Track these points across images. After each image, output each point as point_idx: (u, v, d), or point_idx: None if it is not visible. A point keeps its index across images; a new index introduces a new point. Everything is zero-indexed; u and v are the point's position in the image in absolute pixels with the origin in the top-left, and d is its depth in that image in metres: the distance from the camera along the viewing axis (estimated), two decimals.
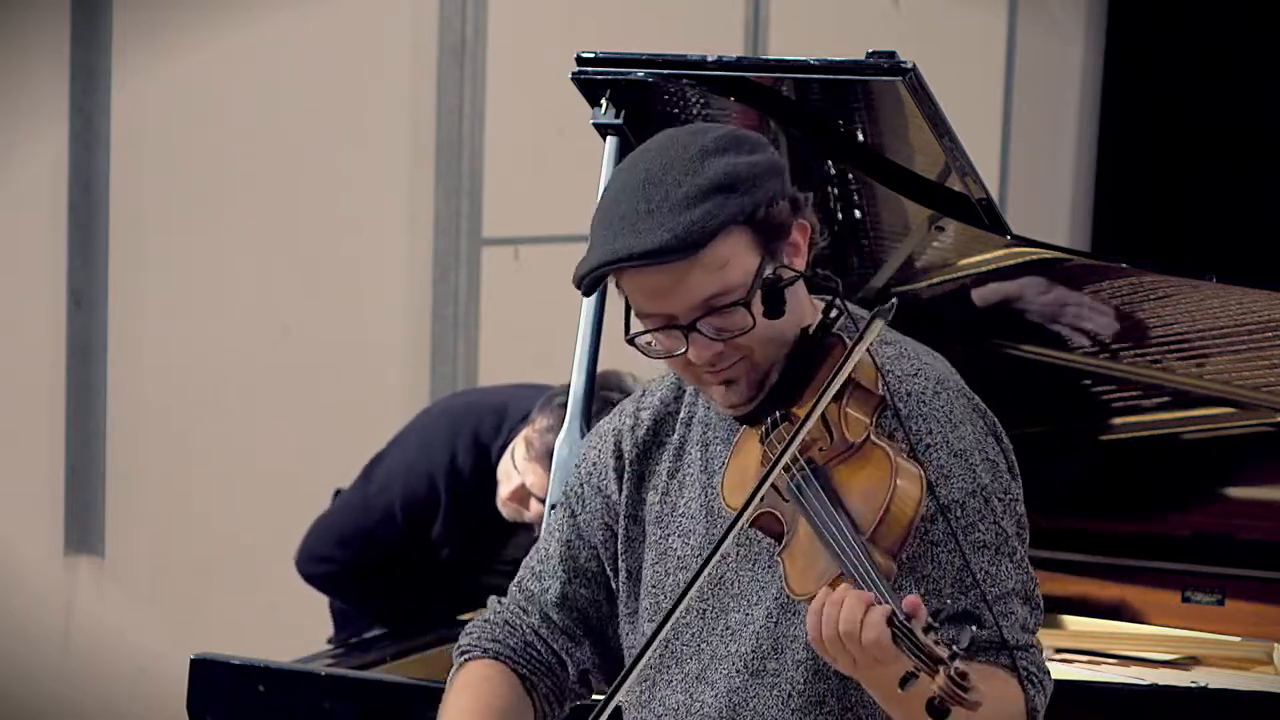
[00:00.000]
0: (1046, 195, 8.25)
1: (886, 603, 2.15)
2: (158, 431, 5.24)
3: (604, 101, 3.23)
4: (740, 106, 3.21)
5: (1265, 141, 7.75)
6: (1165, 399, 3.59)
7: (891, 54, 3.03)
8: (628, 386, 3.72)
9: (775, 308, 2.34)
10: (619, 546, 2.55)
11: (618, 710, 2.53)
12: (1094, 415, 3.68)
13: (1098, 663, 3.56)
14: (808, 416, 2.29)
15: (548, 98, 4.30)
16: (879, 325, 2.29)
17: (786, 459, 2.29)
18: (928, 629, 2.11)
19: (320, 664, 3.52)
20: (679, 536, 2.49)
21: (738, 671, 2.43)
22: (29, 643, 5.08)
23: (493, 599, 2.65)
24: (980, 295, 3.49)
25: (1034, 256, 3.37)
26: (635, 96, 3.22)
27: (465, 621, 3.84)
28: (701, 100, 3.21)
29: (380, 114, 5.75)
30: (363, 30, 5.66)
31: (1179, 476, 3.78)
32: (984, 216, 3.26)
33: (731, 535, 2.31)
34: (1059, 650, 3.60)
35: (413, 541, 4.20)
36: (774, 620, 2.41)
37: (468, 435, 4.17)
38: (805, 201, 2.40)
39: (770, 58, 6.24)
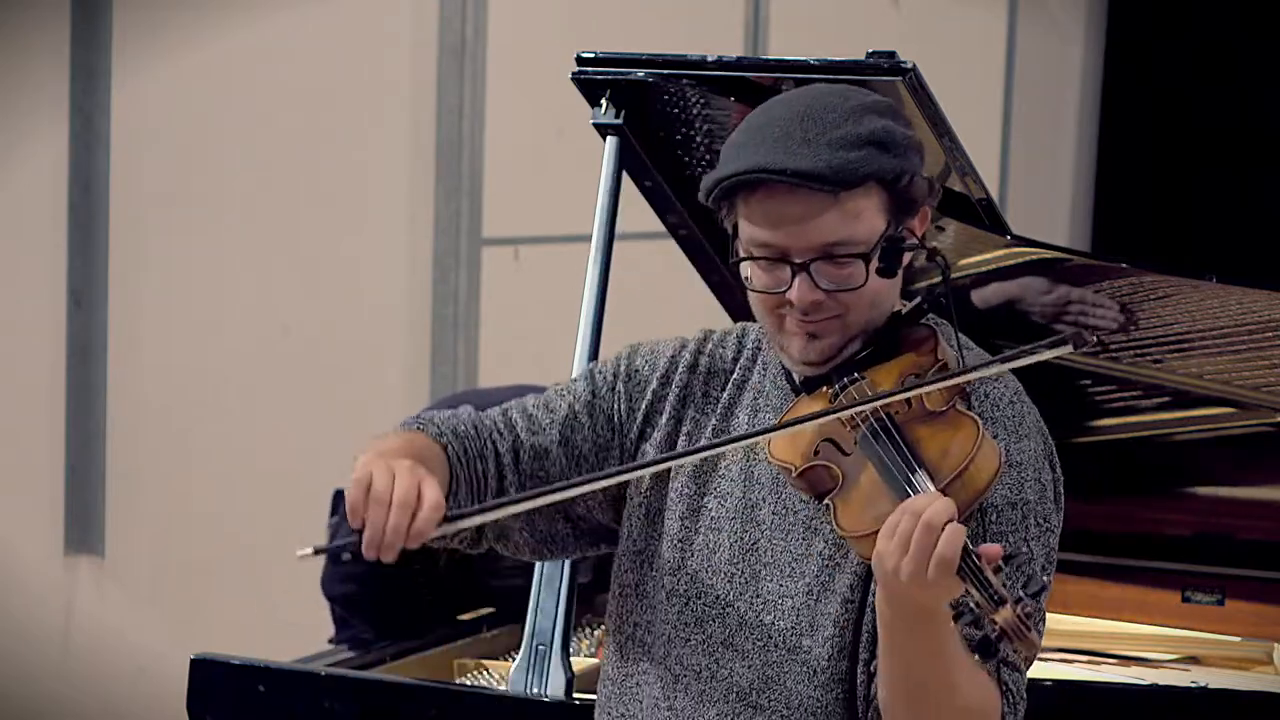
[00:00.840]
0: (1046, 195, 8.25)
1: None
2: (158, 431, 5.24)
3: (604, 101, 3.24)
4: (740, 106, 3.21)
5: (1265, 141, 7.75)
6: (1165, 399, 3.59)
7: (891, 54, 3.03)
8: None
9: (892, 266, 2.36)
10: (646, 482, 2.51)
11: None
12: (1094, 415, 3.69)
13: (1098, 663, 3.56)
14: (898, 390, 2.29)
15: (548, 98, 4.30)
16: (1064, 349, 2.31)
17: (863, 408, 2.27)
18: (996, 570, 2.12)
19: (320, 664, 3.52)
20: (715, 497, 2.47)
21: (775, 645, 2.42)
22: (29, 643, 5.08)
23: (467, 406, 2.62)
24: (980, 295, 3.49)
25: (1034, 256, 3.37)
26: (635, 96, 3.22)
27: (465, 622, 3.86)
28: (701, 100, 3.22)
29: (380, 114, 5.75)
30: (363, 30, 5.66)
31: (1179, 476, 3.78)
32: (984, 216, 3.26)
33: (764, 436, 2.31)
34: (1059, 650, 3.60)
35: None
36: (814, 597, 2.41)
37: None
38: (936, 192, 2.43)
39: (770, 58, 6.24)
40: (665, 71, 3.20)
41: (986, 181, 3.28)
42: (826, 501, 2.29)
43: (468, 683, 3.50)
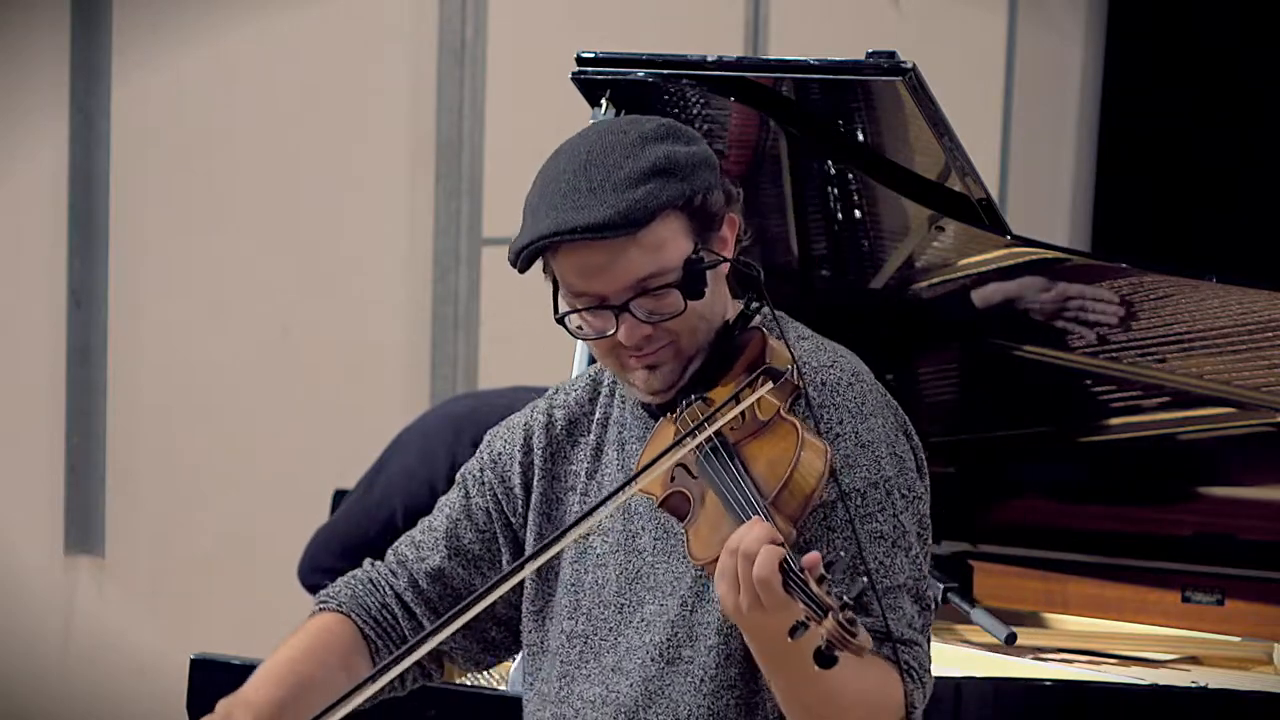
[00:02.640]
0: (1046, 195, 8.25)
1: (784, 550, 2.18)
2: (158, 431, 5.24)
3: (604, 101, 3.24)
4: (740, 106, 3.21)
5: (1265, 142, 7.75)
6: (1165, 399, 3.59)
7: (891, 54, 3.03)
8: None
9: (695, 288, 2.39)
10: (530, 545, 2.56)
11: (517, 706, 2.58)
12: (1094, 415, 3.69)
13: (1098, 663, 3.56)
14: (728, 402, 2.34)
15: (548, 98, 4.30)
16: (767, 386, 2.34)
17: (701, 436, 2.33)
18: (820, 580, 2.14)
19: None
20: (598, 535, 2.52)
21: (653, 660, 2.45)
22: (29, 643, 5.08)
23: (367, 560, 2.66)
24: (980, 295, 3.49)
25: (1034, 256, 3.37)
26: (635, 96, 3.22)
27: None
28: (701, 100, 3.22)
29: (380, 114, 5.75)
30: (363, 30, 5.66)
31: (1179, 476, 3.78)
32: (984, 216, 3.26)
33: (626, 492, 2.36)
34: (1059, 650, 3.60)
35: None
36: (689, 608, 2.44)
37: (468, 442, 4.16)
38: (737, 196, 2.46)
39: (770, 58, 6.24)
40: (665, 71, 3.20)
41: (986, 181, 3.28)
42: (681, 528, 2.35)
43: (468, 683, 3.49)
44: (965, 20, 7.73)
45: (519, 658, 3.12)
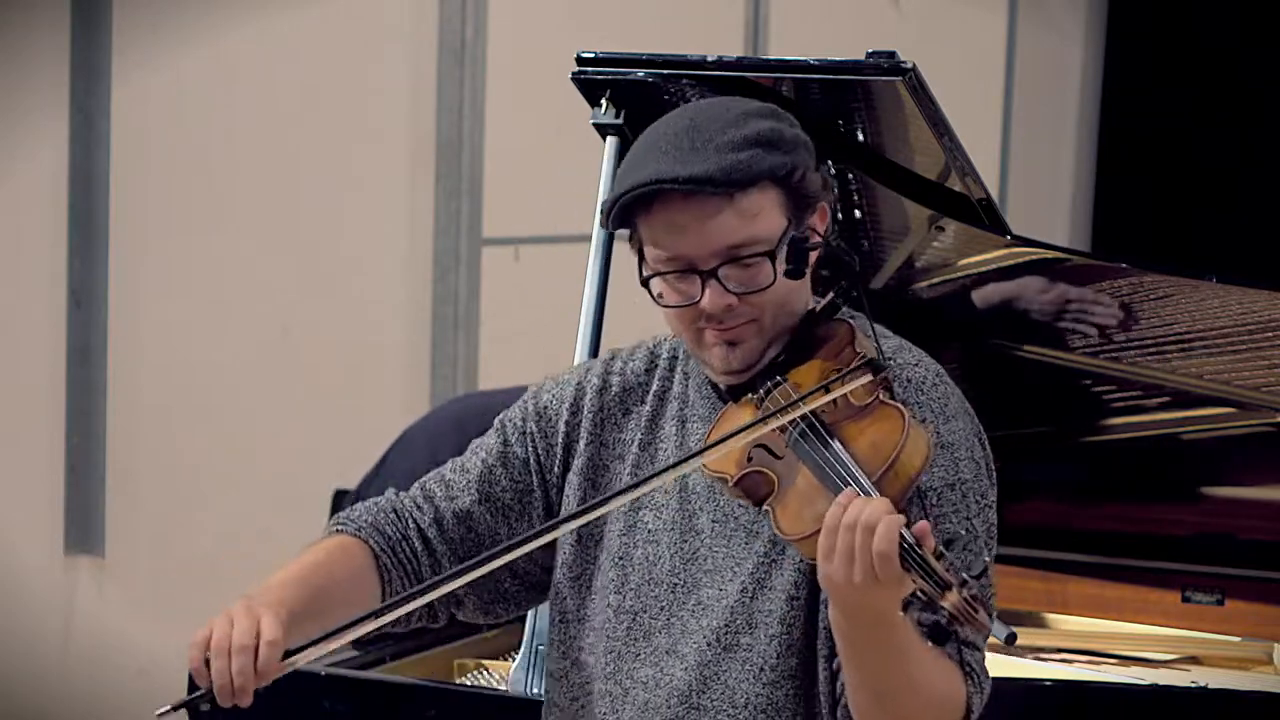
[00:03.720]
0: (1046, 195, 8.25)
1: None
2: (158, 431, 5.24)
3: (604, 101, 3.24)
4: None
5: (1265, 142, 7.75)
6: (1165, 399, 3.59)
7: (891, 54, 3.03)
8: None
9: (799, 267, 2.37)
10: (571, 506, 2.53)
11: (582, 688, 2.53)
12: (1094, 415, 3.69)
13: (1098, 663, 3.56)
14: (820, 388, 2.30)
15: (548, 98, 4.30)
16: (865, 376, 2.30)
17: (793, 414, 2.29)
18: (939, 555, 2.12)
19: (320, 664, 3.52)
20: (651, 510, 2.49)
21: (709, 645, 2.43)
22: (29, 643, 5.08)
23: (390, 490, 2.63)
24: (980, 295, 3.49)
25: (1034, 256, 3.37)
26: (635, 96, 3.22)
27: (465, 622, 3.86)
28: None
29: (380, 114, 5.75)
30: (363, 30, 5.66)
31: (1179, 476, 3.78)
32: (984, 216, 3.26)
33: (690, 464, 2.32)
34: (1059, 650, 3.60)
35: None
36: (749, 595, 2.42)
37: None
38: (831, 187, 2.46)
39: (770, 58, 6.24)
40: (665, 71, 3.20)
41: (986, 181, 3.28)
42: (765, 506, 2.31)
43: (468, 683, 3.50)
44: (965, 20, 7.73)
45: (520, 657, 3.13)
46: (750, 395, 2.39)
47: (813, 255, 2.42)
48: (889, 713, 2.30)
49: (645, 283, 2.42)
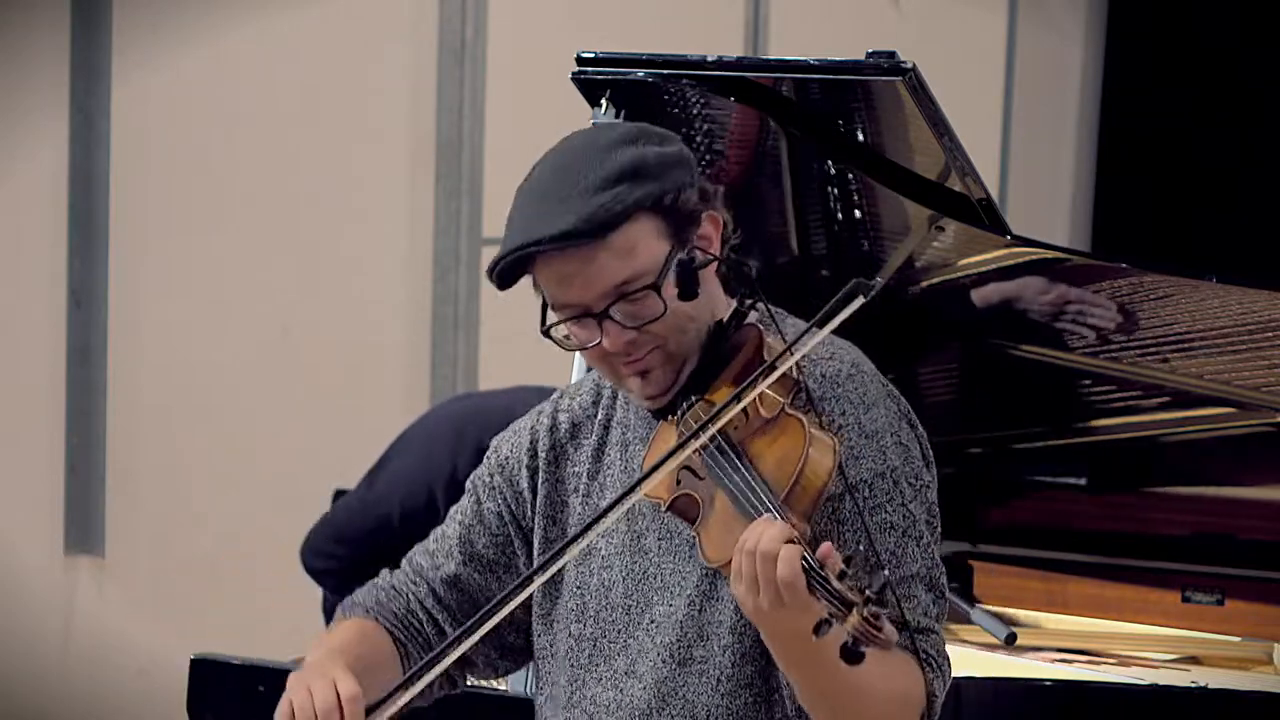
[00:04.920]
0: (1046, 195, 8.25)
1: (802, 547, 2.17)
2: (158, 431, 5.24)
3: (604, 101, 3.24)
4: (740, 106, 3.21)
5: (1265, 142, 7.75)
6: (1165, 399, 3.59)
7: (891, 54, 3.03)
8: None
9: (689, 289, 2.37)
10: (536, 546, 2.56)
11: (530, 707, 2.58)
12: (1094, 415, 3.69)
13: (1098, 663, 3.56)
14: (730, 401, 2.31)
15: (548, 98, 4.29)
16: (858, 302, 2.29)
17: (705, 437, 2.31)
18: (841, 575, 2.13)
19: None
20: (602, 537, 2.51)
21: (664, 662, 2.44)
22: (29, 643, 5.08)
23: (384, 570, 2.67)
24: (980, 295, 3.49)
25: (1034, 256, 3.37)
26: (635, 96, 3.22)
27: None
28: (701, 100, 3.22)
29: (380, 114, 5.75)
30: (363, 30, 5.66)
31: (1179, 476, 3.78)
32: (984, 216, 3.26)
33: (631, 498, 2.34)
34: (1059, 650, 3.60)
35: (409, 546, 4.18)
36: (698, 608, 2.43)
37: (470, 446, 4.16)
38: (715, 193, 2.44)
39: (770, 58, 6.24)
40: (665, 71, 3.20)
41: (986, 181, 3.28)
42: (693, 532, 2.34)
43: (469, 683, 3.49)
44: (965, 20, 7.73)
45: None
46: (670, 417, 2.42)
47: (710, 268, 2.42)
48: (845, 716, 2.31)
49: (546, 333, 2.45)
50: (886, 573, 2.17)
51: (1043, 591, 3.81)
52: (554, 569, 2.43)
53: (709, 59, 3.17)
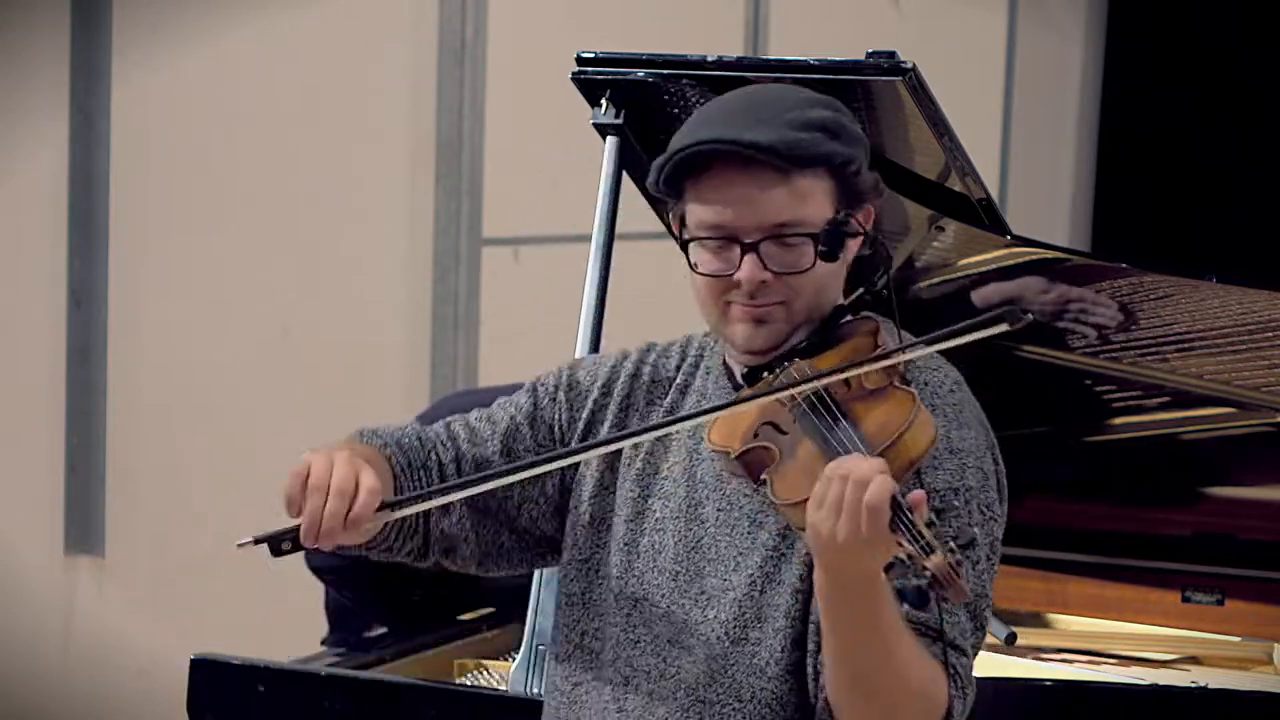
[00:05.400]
0: (1046, 195, 8.25)
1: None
2: (158, 431, 5.24)
3: (604, 101, 3.24)
4: None
5: (1265, 142, 7.75)
6: (1165, 399, 3.59)
7: (891, 54, 3.03)
8: None
9: (833, 249, 2.38)
10: (590, 488, 2.53)
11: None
12: (1094, 415, 3.69)
13: (1098, 663, 3.56)
14: (833, 370, 2.29)
15: (548, 98, 4.30)
16: (1000, 327, 2.27)
17: (805, 388, 2.28)
18: (929, 524, 2.11)
19: (320, 664, 3.52)
20: (659, 499, 2.48)
21: (719, 638, 2.42)
22: (29, 643, 5.08)
23: (415, 421, 2.66)
24: (980, 295, 3.49)
25: (1034, 256, 3.37)
26: (635, 96, 3.22)
27: (465, 622, 3.86)
28: (701, 100, 3.21)
29: (380, 114, 5.75)
30: (363, 30, 5.66)
31: (1179, 476, 3.78)
32: (984, 216, 3.26)
33: (703, 419, 2.33)
34: (1059, 650, 3.60)
35: None
36: (759, 589, 2.41)
37: None
38: (880, 190, 2.46)
39: (770, 58, 6.24)
40: (665, 71, 3.20)
41: (986, 181, 3.28)
42: (763, 476, 2.28)
43: (468, 683, 3.50)
44: (965, 20, 7.73)
45: (520, 657, 3.13)
46: (766, 375, 2.38)
47: (851, 246, 2.42)
48: (866, 696, 2.28)
49: (684, 246, 2.42)
50: (992, 567, 2.15)
51: (1043, 591, 3.81)
52: (584, 456, 2.41)
53: (709, 59, 3.17)
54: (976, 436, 2.43)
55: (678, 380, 2.55)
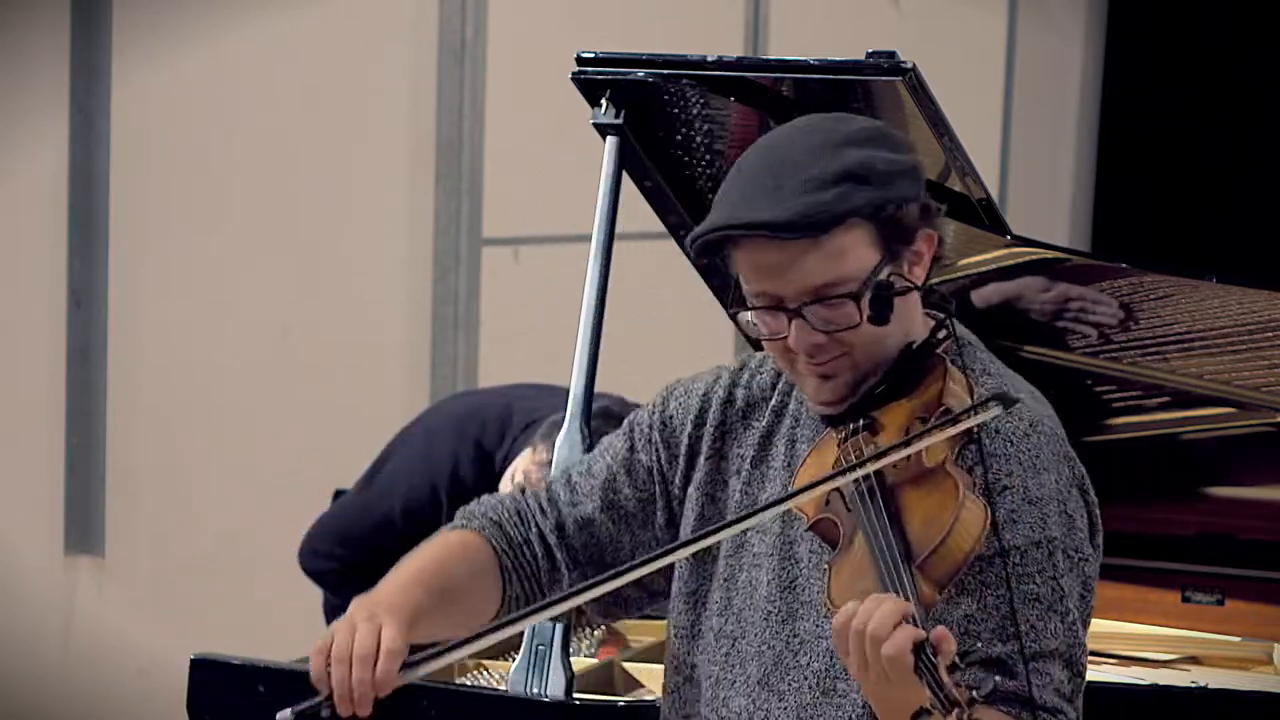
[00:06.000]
0: (1046, 195, 8.25)
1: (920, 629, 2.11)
2: (158, 431, 5.24)
3: (604, 101, 3.23)
4: (740, 106, 3.21)
5: (1265, 142, 7.75)
6: (1165, 399, 3.59)
7: (891, 54, 3.03)
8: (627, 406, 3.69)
9: (881, 314, 2.30)
10: (691, 521, 2.49)
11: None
12: (1094, 415, 3.68)
13: (1098, 663, 3.55)
14: (894, 446, 2.24)
15: (548, 98, 4.30)
16: (994, 410, 2.24)
17: (859, 473, 2.25)
18: (953, 668, 2.08)
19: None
20: (757, 533, 2.44)
21: (810, 687, 2.38)
22: (29, 643, 5.08)
23: (515, 488, 2.59)
24: (980, 295, 3.49)
25: (1034, 256, 3.37)
26: (635, 96, 3.22)
27: None
28: (701, 100, 3.22)
29: (380, 114, 5.75)
30: (363, 30, 5.66)
31: (1179, 476, 3.78)
32: (984, 216, 3.26)
33: (764, 515, 2.29)
34: None
35: (412, 545, 4.17)
36: None
37: (471, 443, 4.16)
38: (937, 212, 2.38)
39: (770, 58, 6.24)
40: (665, 71, 3.20)
41: (986, 181, 3.28)
42: (825, 563, 2.28)
43: (468, 683, 3.49)
44: (965, 20, 7.73)
45: (519, 657, 3.12)
46: (838, 431, 2.35)
47: (917, 274, 2.35)
48: None
49: (733, 316, 2.39)
50: (997, 681, 2.11)
51: None
52: (691, 550, 2.35)
53: (709, 59, 3.17)
54: (1058, 478, 2.36)
55: (773, 402, 2.50)
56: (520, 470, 3.97)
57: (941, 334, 2.36)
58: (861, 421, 2.33)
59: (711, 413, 2.51)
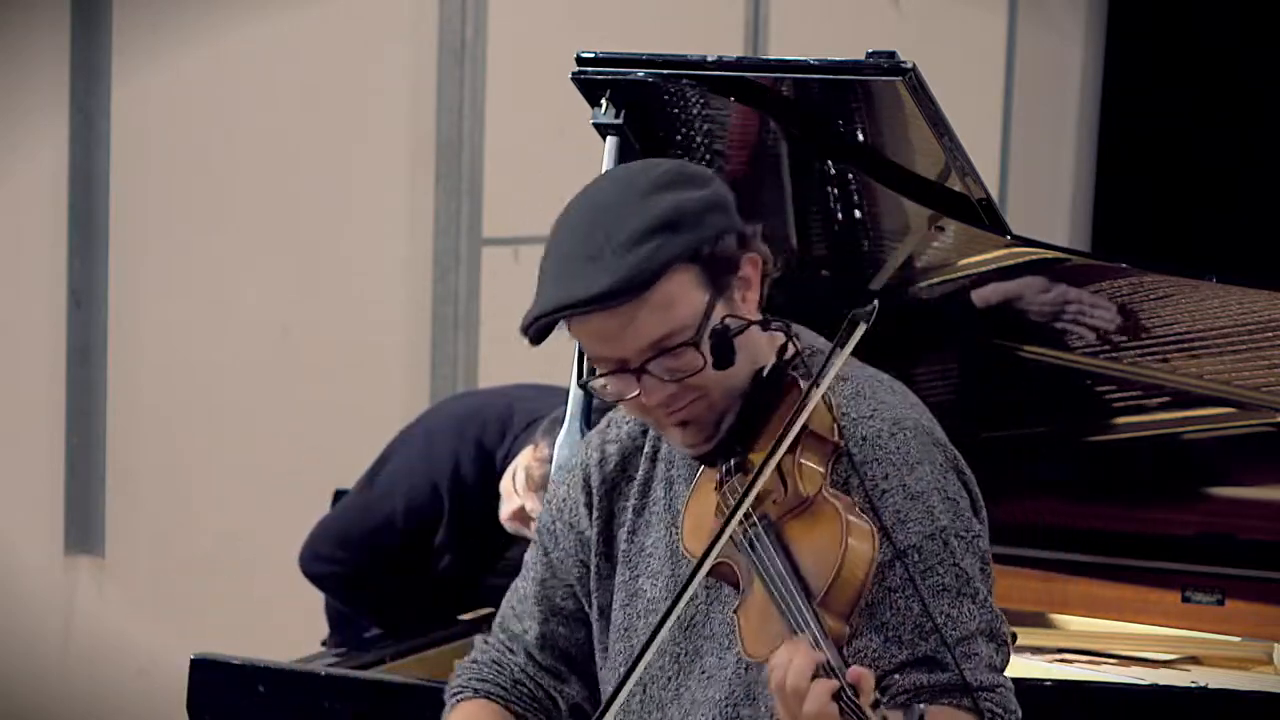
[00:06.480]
0: (1046, 195, 8.25)
1: (835, 676, 2.12)
2: (157, 431, 5.24)
3: (604, 101, 3.24)
4: (740, 106, 3.21)
5: (1265, 142, 7.76)
6: (1165, 399, 3.59)
7: (891, 54, 3.03)
8: None
9: (725, 358, 2.31)
10: (591, 582, 2.53)
11: None
12: (1094, 415, 3.69)
13: (1098, 663, 3.56)
14: (759, 471, 2.25)
15: (548, 98, 4.30)
16: (861, 329, 2.25)
17: (739, 515, 2.25)
18: (875, 704, 2.09)
19: (320, 664, 3.52)
20: (647, 578, 2.47)
21: (715, 718, 2.40)
22: (29, 643, 5.08)
23: (479, 638, 2.65)
24: (980, 295, 3.49)
25: (1034, 256, 3.37)
26: (635, 96, 3.22)
27: (465, 622, 3.86)
28: (701, 100, 3.22)
29: (380, 114, 5.75)
30: (363, 30, 5.66)
31: (1179, 476, 3.78)
32: (984, 216, 3.26)
33: (690, 589, 2.29)
34: (1059, 650, 3.60)
35: (414, 547, 4.18)
36: (744, 666, 2.38)
37: (472, 443, 4.15)
38: (754, 234, 2.37)
39: (770, 58, 6.24)
40: (665, 71, 3.20)
41: (986, 181, 3.28)
42: (732, 616, 2.29)
43: None
44: (965, 20, 7.73)
45: None
46: (717, 466, 2.36)
47: (750, 300, 2.36)
48: None
49: (584, 385, 2.41)
50: (922, 709, 2.13)
51: (1043, 591, 3.81)
52: (655, 644, 2.32)
53: (709, 59, 3.17)
54: (933, 468, 2.38)
55: (645, 448, 2.52)
56: (521, 467, 3.98)
57: (789, 353, 2.36)
58: (733, 462, 2.34)
59: (592, 478, 2.54)
